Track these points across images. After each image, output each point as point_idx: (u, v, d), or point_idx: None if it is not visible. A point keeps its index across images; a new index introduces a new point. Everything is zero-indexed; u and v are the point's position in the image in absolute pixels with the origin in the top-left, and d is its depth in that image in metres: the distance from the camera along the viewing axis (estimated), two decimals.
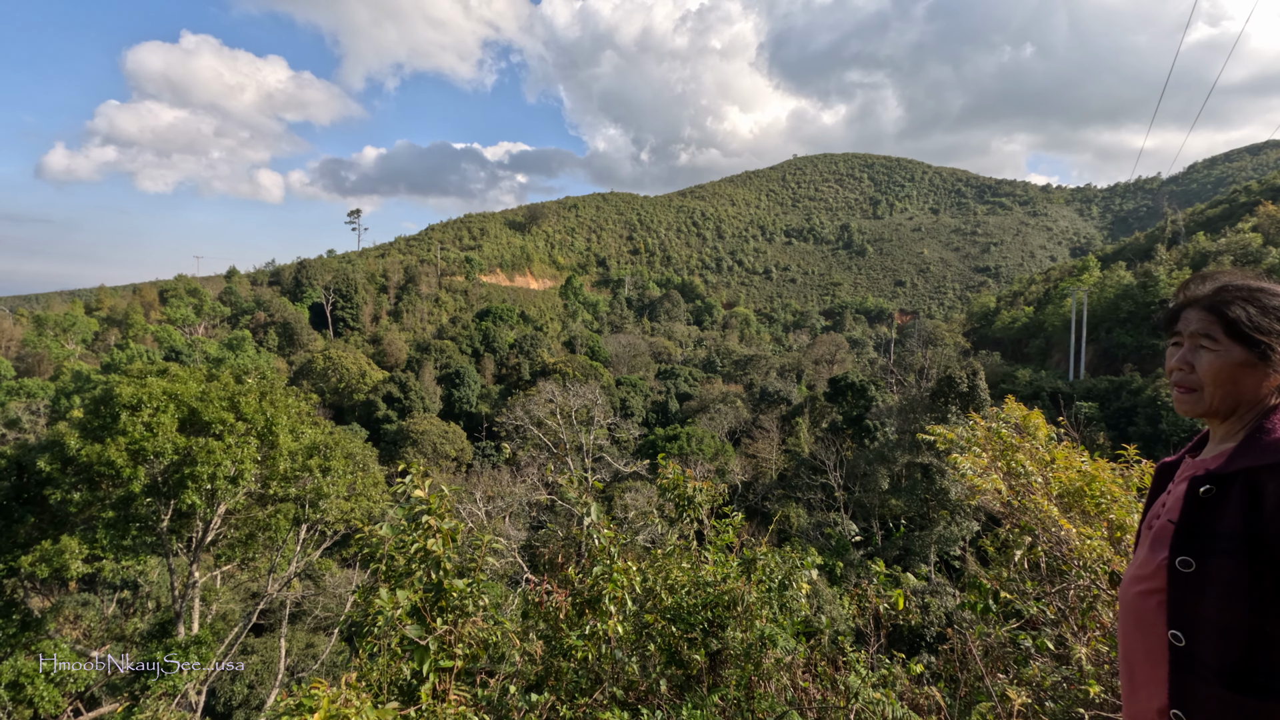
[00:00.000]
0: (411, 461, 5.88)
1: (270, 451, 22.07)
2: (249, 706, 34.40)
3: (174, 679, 19.49)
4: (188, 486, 20.16)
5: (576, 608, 6.20)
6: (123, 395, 20.50)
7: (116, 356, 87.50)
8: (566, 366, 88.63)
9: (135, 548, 22.34)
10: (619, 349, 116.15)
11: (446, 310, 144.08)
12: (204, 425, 21.21)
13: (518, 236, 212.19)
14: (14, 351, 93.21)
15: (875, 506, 46.90)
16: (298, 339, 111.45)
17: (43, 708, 19.99)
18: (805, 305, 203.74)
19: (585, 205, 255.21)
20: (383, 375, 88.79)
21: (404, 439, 69.97)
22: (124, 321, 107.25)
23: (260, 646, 36.71)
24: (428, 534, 5.57)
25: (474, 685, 6.00)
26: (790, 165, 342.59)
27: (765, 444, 63.07)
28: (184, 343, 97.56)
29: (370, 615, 5.01)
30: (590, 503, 6.10)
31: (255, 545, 25.09)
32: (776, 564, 7.10)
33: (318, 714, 3.90)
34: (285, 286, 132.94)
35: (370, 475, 26.15)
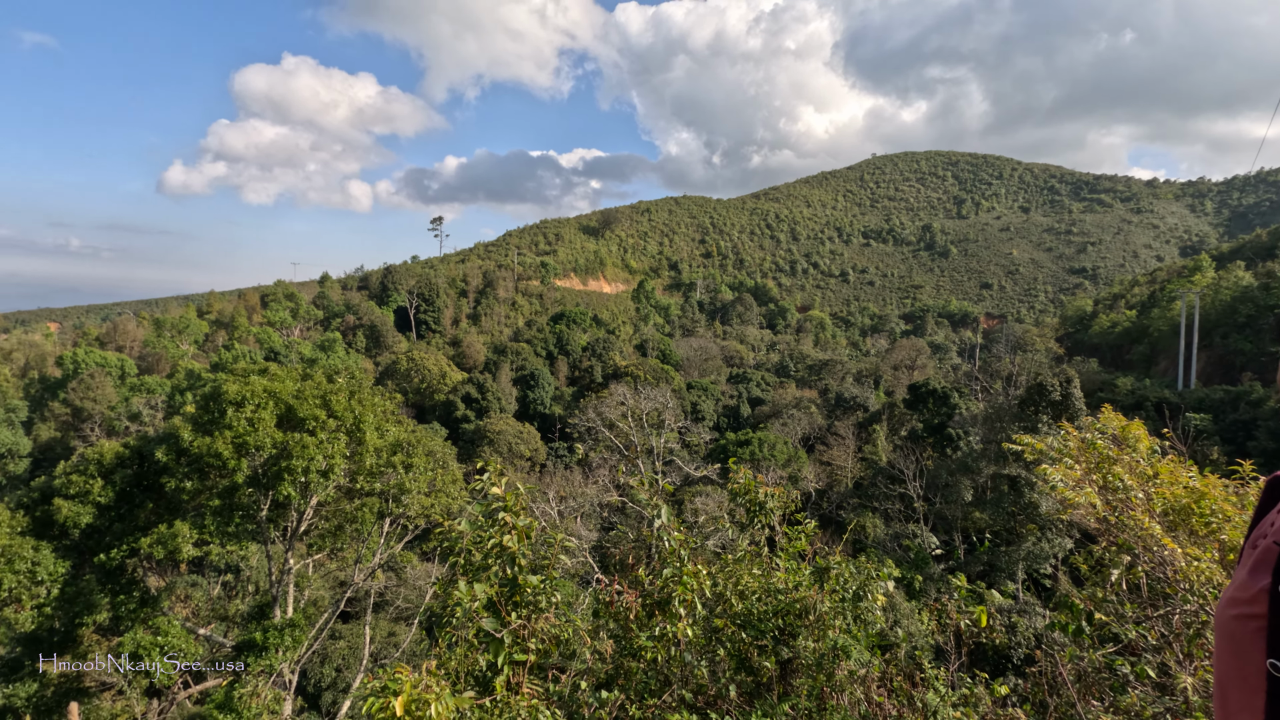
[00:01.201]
0: (489, 460, 6.09)
1: (358, 448, 23.25)
2: (336, 689, 36.31)
3: (271, 658, 20.82)
4: (284, 479, 21.51)
5: (646, 609, 6.25)
6: (229, 392, 22.11)
7: (223, 356, 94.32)
8: (638, 369, 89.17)
9: (238, 534, 24.01)
10: (690, 352, 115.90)
11: (522, 314, 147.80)
12: (299, 421, 22.58)
13: (591, 241, 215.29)
14: (137, 351, 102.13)
15: (957, 519, 44.84)
16: (383, 341, 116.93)
17: (158, 678, 21.74)
18: (884, 309, 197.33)
19: (658, 209, 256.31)
20: (461, 376, 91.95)
21: (481, 438, 72.21)
22: (230, 324, 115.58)
23: (347, 633, 38.70)
24: (504, 530, 5.75)
25: (546, 680, 6.14)
26: (868, 165, 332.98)
27: (840, 451, 61.45)
28: (282, 344, 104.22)
29: (449, 607, 5.22)
30: (661, 505, 6.14)
31: (343, 536, 26.48)
32: (851, 574, 6.94)
33: (401, 697, 4.11)
34: (373, 291, 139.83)
35: (449, 473, 27.13)
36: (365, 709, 4.23)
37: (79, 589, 22.69)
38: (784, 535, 7.99)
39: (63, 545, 22.83)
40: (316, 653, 35.58)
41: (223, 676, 24.58)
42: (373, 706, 4.17)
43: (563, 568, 6.55)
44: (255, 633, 21.49)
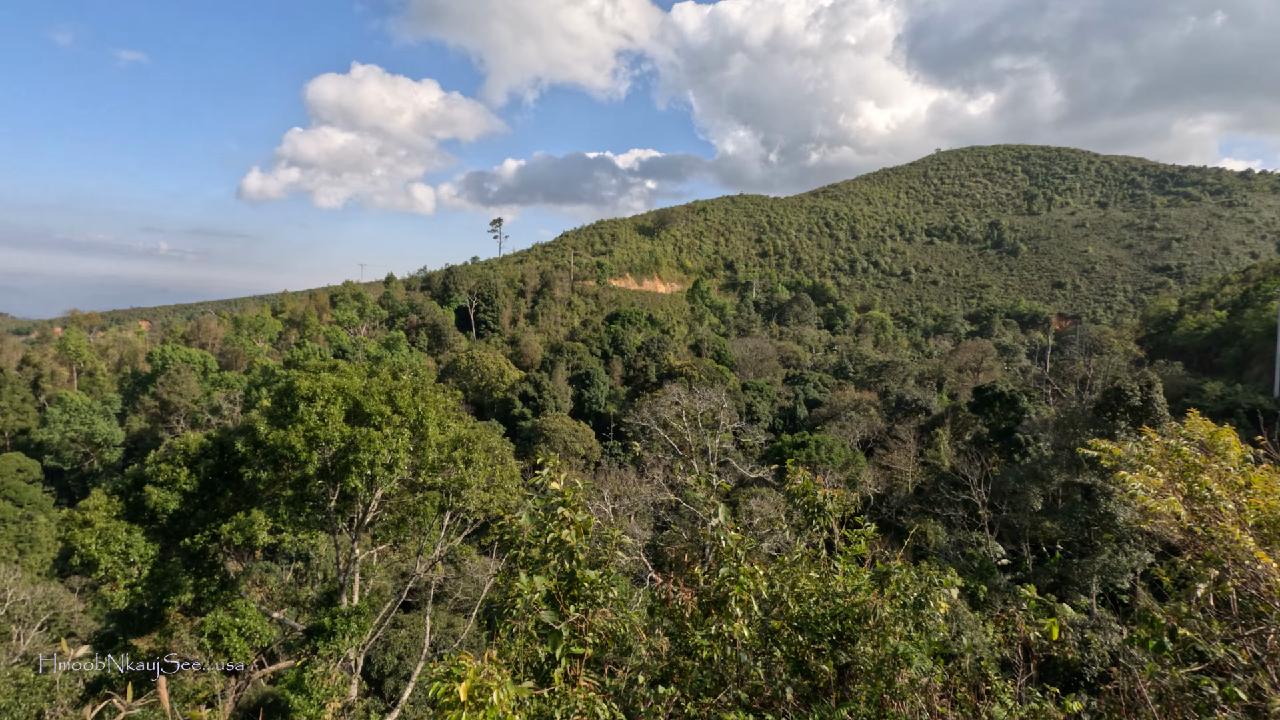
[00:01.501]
0: (548, 456, 6.21)
1: (420, 443, 23.99)
2: (398, 676, 37.56)
3: (339, 643, 21.71)
4: (351, 471, 22.39)
5: (702, 608, 6.26)
6: (301, 388, 23.17)
7: (295, 354, 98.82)
8: (692, 370, 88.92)
9: (309, 524, 25.14)
10: (746, 353, 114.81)
11: (578, 313, 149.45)
12: (365, 417, 23.47)
13: (646, 241, 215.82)
14: (218, 348, 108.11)
15: (1025, 528, 42.97)
16: (445, 339, 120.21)
17: (235, 657, 22.98)
18: (948, 309, 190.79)
19: (713, 209, 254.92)
20: (519, 375, 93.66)
21: (537, 436, 73.40)
22: (302, 323, 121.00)
23: (408, 622, 39.99)
24: (562, 525, 5.86)
25: (602, 674, 6.22)
26: (932, 160, 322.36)
27: (901, 455, 59.78)
28: (349, 342, 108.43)
29: (510, 598, 5.36)
30: (718, 504, 6.13)
31: (406, 528, 27.37)
32: (912, 580, 6.77)
33: (464, 683, 4.25)
34: (435, 291, 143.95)
35: (507, 468, 27.70)
36: (431, 692, 4.39)
37: (166, 571, 24.18)
38: (842, 539, 7.85)
39: (152, 529, 24.38)
40: (380, 640, 36.91)
41: (294, 659, 25.79)
42: (438, 690, 4.33)
43: (619, 564, 6.62)
44: (324, 618, 22.45)
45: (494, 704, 4.32)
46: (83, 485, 76.64)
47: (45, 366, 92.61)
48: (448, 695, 4.27)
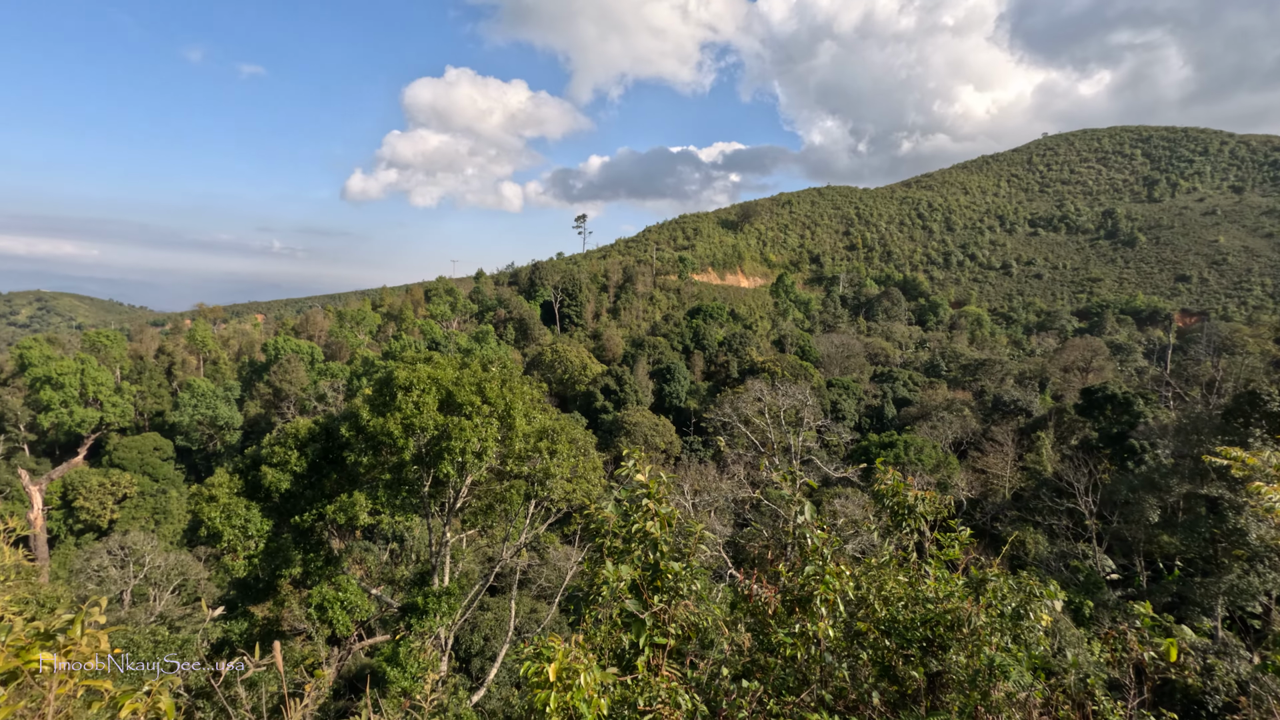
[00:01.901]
0: (634, 448, 6.32)
1: (508, 432, 24.83)
2: (484, 656, 39.10)
3: (430, 621, 22.86)
4: (444, 458, 23.47)
5: (786, 605, 6.20)
6: (399, 378, 24.47)
7: (393, 345, 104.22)
8: (775, 365, 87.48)
9: (404, 507, 26.56)
10: (831, 349, 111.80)
11: (660, 308, 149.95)
12: (457, 406, 24.52)
13: (729, 235, 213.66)
14: (323, 340, 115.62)
15: (1139, 542, 39.76)
16: (530, 333, 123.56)
17: (338, 628, 24.62)
18: (1053, 304, 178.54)
19: (799, 201, 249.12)
20: (601, 368, 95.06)
21: (618, 429, 74.32)
22: (398, 316, 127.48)
23: (494, 605, 41.52)
24: (646, 516, 5.95)
25: (684, 666, 6.28)
26: (1038, 146, 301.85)
27: (997, 458, 56.63)
28: (441, 335, 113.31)
29: (596, 585, 5.51)
30: (804, 502, 6.06)
31: (493, 515, 28.44)
32: (1010, 589, 6.46)
33: (554, 664, 4.42)
34: (521, 286, 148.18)
35: (590, 460, 28.24)
36: (522, 671, 4.59)
37: (279, 545, 26.20)
38: (934, 543, 7.58)
39: (267, 507, 26.46)
40: (468, 621, 38.53)
41: (390, 633, 27.35)
42: (529, 669, 4.52)
43: (700, 558, 6.66)
44: (418, 597, 23.68)
45: (581, 686, 4.47)
46: (208, 464, 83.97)
47: (177, 355, 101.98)
48: (537, 675, 4.46)
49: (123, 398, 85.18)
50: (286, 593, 30.14)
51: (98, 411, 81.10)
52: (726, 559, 30.73)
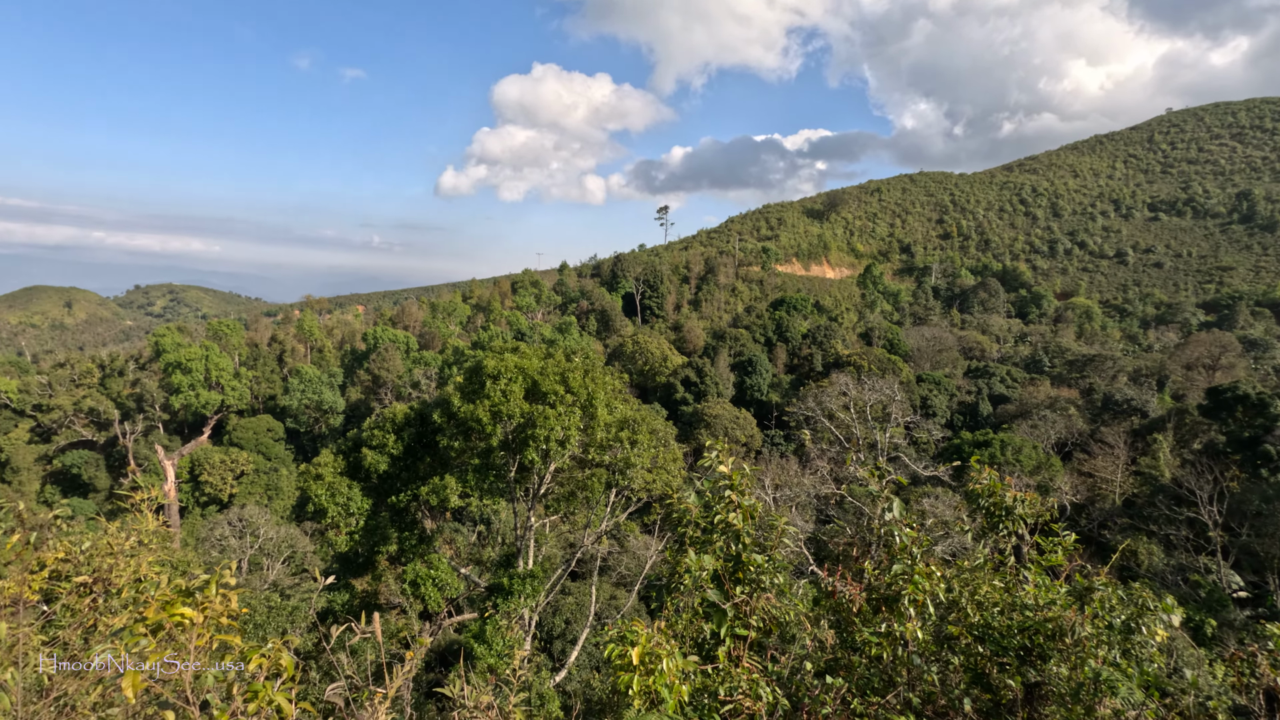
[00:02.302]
0: (717, 440, 6.32)
1: (590, 422, 25.31)
2: (565, 639, 40.17)
3: (515, 602, 23.70)
4: (529, 445, 24.21)
5: (871, 604, 6.06)
6: (487, 367, 25.41)
7: (482, 336, 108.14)
8: (862, 359, 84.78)
9: (492, 490, 27.59)
10: (921, 342, 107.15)
11: (742, 299, 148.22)
12: (542, 395, 25.22)
13: (815, 225, 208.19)
14: (418, 330, 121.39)
15: (1274, 558, 36.07)
16: (612, 324, 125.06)
17: (430, 604, 25.92)
18: (1175, 295, 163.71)
19: (889, 188, 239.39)
20: (681, 360, 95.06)
21: (698, 421, 74.18)
22: (487, 308, 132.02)
23: (575, 590, 42.52)
24: (729, 508, 5.95)
25: (765, 659, 6.25)
26: (1161, 123, 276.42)
27: (1106, 461, 52.71)
28: (527, 326, 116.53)
29: (678, 574, 5.56)
30: (892, 498, 5.88)
31: (575, 502, 29.11)
32: (1120, 601, 6.05)
33: (637, 648, 4.51)
34: (604, 278, 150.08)
35: (670, 451, 28.40)
36: (606, 653, 4.71)
37: (377, 523, 27.83)
38: (1034, 547, 7.19)
39: (367, 486, 28.15)
40: (550, 604, 39.64)
41: (477, 612, 28.55)
42: (613, 652, 4.64)
43: (783, 552, 6.59)
44: (504, 578, 24.60)
45: (663, 671, 4.54)
46: (314, 445, 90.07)
47: (288, 343, 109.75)
48: (621, 658, 4.57)
49: (240, 382, 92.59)
50: (383, 568, 32.01)
51: (219, 394, 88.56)
52: (808, 555, 30.18)
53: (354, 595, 30.00)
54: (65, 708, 4.84)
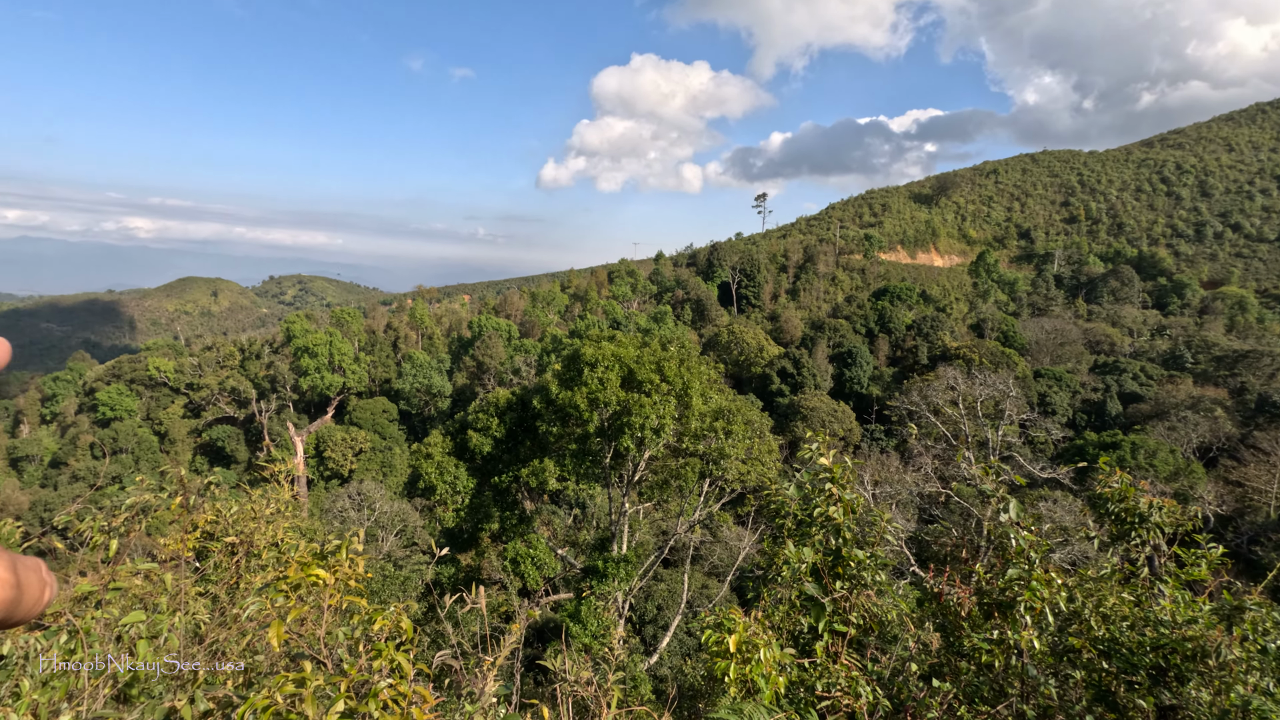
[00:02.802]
0: (818, 431, 6.18)
1: (685, 411, 25.38)
2: (657, 624, 40.69)
3: (609, 585, 24.24)
4: (625, 432, 24.60)
5: (982, 609, 5.75)
6: (585, 355, 25.99)
7: (579, 325, 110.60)
8: (972, 352, 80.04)
9: (588, 475, 28.27)
10: (1040, 335, 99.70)
11: (842, 289, 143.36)
12: (637, 383, 25.52)
13: (923, 210, 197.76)
14: (518, 319, 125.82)
15: None
16: (707, 314, 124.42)
17: (529, 581, 26.97)
18: None
19: (1007, 169, 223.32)
20: (778, 351, 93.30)
21: (794, 413, 72.66)
22: (584, 297, 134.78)
23: (667, 577, 42.93)
24: (830, 501, 5.82)
25: (865, 658, 6.09)
26: None
27: (1260, 469, 47.17)
28: (622, 315, 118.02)
29: (776, 565, 5.51)
30: (1009, 498, 5.55)
31: (669, 490, 29.32)
32: (1275, 624, 5.45)
33: (734, 636, 4.52)
34: (700, 267, 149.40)
35: (766, 443, 28.02)
36: (704, 639, 4.75)
37: (481, 502, 29.22)
38: (1171, 559, 6.59)
39: (472, 467, 29.59)
40: (642, 589, 40.26)
41: (572, 592, 29.42)
42: (710, 638, 4.67)
43: (886, 549, 6.38)
44: (598, 561, 25.20)
45: (760, 661, 4.53)
46: (424, 426, 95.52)
47: (401, 330, 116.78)
48: (718, 645, 4.59)
49: (359, 366, 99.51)
50: (486, 545, 33.58)
51: (341, 377, 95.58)
52: (909, 555, 28.98)
53: (459, 569, 31.67)
54: (217, 653, 5.42)
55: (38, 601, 0.72)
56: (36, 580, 0.71)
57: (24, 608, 0.69)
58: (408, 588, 25.95)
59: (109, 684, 4.52)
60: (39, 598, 0.72)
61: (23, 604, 0.69)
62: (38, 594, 0.71)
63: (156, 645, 4.69)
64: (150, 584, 5.56)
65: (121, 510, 5.72)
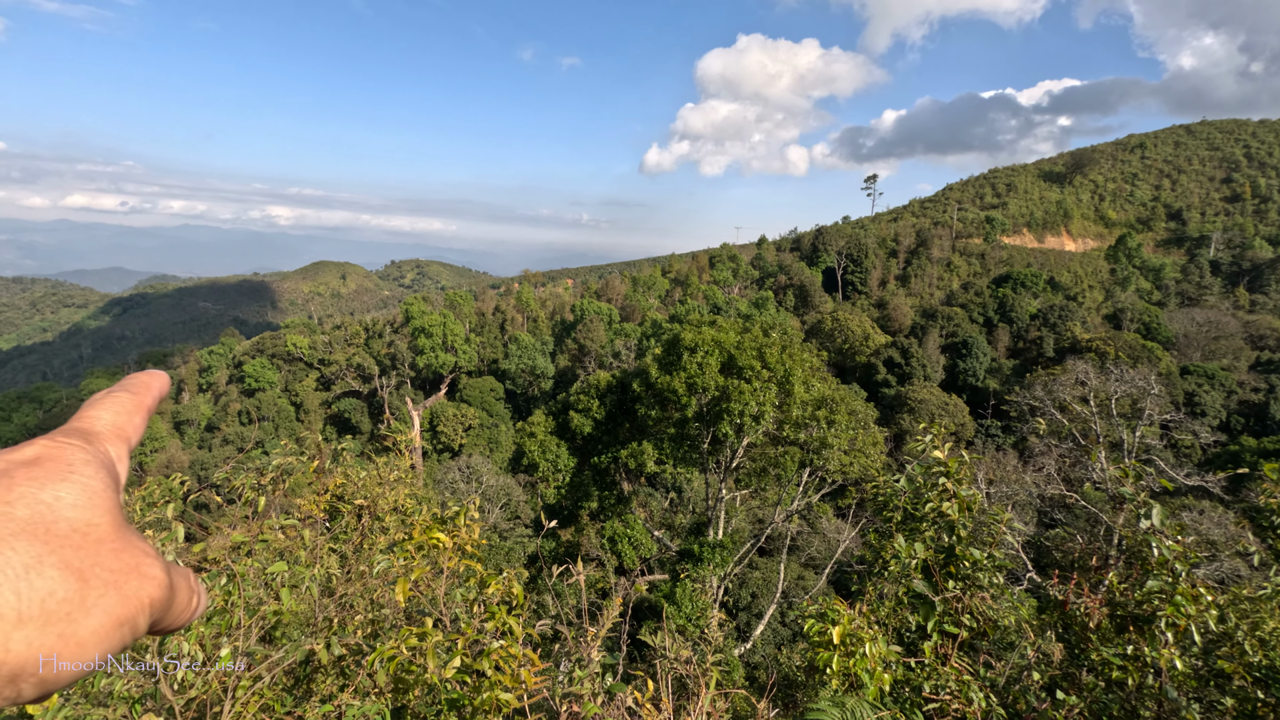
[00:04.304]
0: (935, 423, 5.89)
1: (786, 398, 24.90)
2: (750, 612, 40.47)
3: (704, 569, 24.33)
4: (723, 418, 24.48)
5: (1115, 621, 5.30)
6: (684, 339, 26.01)
7: (679, 310, 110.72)
8: (1106, 345, 73.34)
9: (685, 460, 28.40)
10: (1190, 327, 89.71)
11: (958, 275, 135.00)
12: (737, 369, 25.28)
13: (1053, 189, 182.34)
14: (619, 303, 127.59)
15: None
16: (810, 300, 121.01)
17: (625, 560, 27.54)
18: None
19: (1156, 143, 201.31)
20: (885, 339, 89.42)
21: (901, 405, 69.54)
22: (684, 282, 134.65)
23: (763, 566, 42.51)
24: (943, 496, 5.54)
25: (977, 663, 5.80)
26: None
27: None
28: (723, 300, 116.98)
29: (884, 559, 5.32)
30: (1151, 504, 5.07)
31: (767, 478, 28.94)
32: None
33: (838, 628, 4.42)
34: (804, 252, 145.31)
35: (870, 435, 27.04)
36: (805, 628, 4.68)
37: (580, 480, 30.08)
38: None
39: (573, 446, 30.48)
40: (736, 576, 40.11)
41: (667, 574, 29.78)
42: (812, 628, 4.59)
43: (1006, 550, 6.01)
44: (694, 545, 25.34)
45: (865, 655, 4.40)
46: (528, 406, 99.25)
47: (508, 313, 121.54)
48: (821, 635, 4.50)
49: (470, 346, 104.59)
50: (585, 523, 34.57)
51: (453, 356, 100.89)
52: (1026, 560, 27.13)
53: (559, 544, 32.83)
54: (346, 606, 5.91)
55: (186, 607, 0.71)
56: (186, 587, 0.71)
57: (174, 612, 0.68)
58: (511, 559, 27.21)
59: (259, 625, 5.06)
60: (188, 604, 0.71)
61: (174, 607, 0.68)
62: (186, 600, 0.71)
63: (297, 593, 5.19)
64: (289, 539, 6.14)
65: (268, 470, 6.34)
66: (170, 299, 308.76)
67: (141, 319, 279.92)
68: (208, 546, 5.37)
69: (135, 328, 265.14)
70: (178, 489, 7.14)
